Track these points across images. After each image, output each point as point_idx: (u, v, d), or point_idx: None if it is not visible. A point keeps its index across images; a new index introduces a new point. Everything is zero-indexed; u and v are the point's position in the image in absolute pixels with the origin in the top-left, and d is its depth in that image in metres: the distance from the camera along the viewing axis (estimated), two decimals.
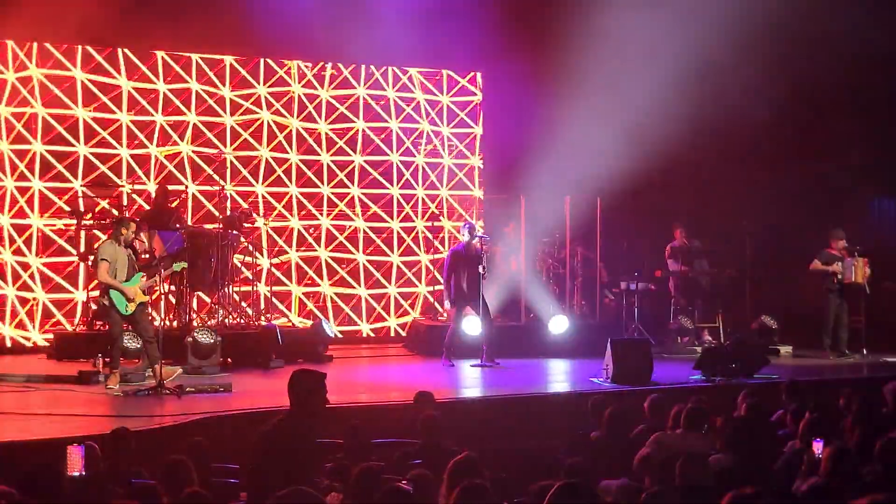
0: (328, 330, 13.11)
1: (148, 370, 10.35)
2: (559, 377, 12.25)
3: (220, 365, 11.19)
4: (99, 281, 10.17)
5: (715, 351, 11.69)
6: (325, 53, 14.85)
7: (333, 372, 12.02)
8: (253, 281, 13.47)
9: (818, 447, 5.92)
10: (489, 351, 12.11)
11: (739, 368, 10.98)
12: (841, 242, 13.26)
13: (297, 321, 14.35)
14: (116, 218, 11.17)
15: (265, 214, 14.27)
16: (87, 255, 12.41)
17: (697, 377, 10.98)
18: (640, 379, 10.50)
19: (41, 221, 13.26)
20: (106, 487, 5.44)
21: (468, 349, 12.30)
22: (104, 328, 11.92)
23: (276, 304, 13.98)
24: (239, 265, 13.33)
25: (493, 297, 13.07)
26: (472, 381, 11.45)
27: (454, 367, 12.08)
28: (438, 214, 15.52)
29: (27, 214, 13.25)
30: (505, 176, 15.33)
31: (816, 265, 13.33)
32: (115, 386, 9.83)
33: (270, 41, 14.21)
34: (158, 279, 10.46)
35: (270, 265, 14.03)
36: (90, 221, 12.67)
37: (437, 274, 14.73)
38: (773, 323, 14.08)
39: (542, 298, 13.96)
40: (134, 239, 10.41)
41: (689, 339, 14.15)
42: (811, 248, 13.59)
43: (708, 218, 14.87)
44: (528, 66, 14.77)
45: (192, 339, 11.07)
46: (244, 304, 13.40)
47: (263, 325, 12.76)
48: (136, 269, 10.10)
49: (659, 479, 5.41)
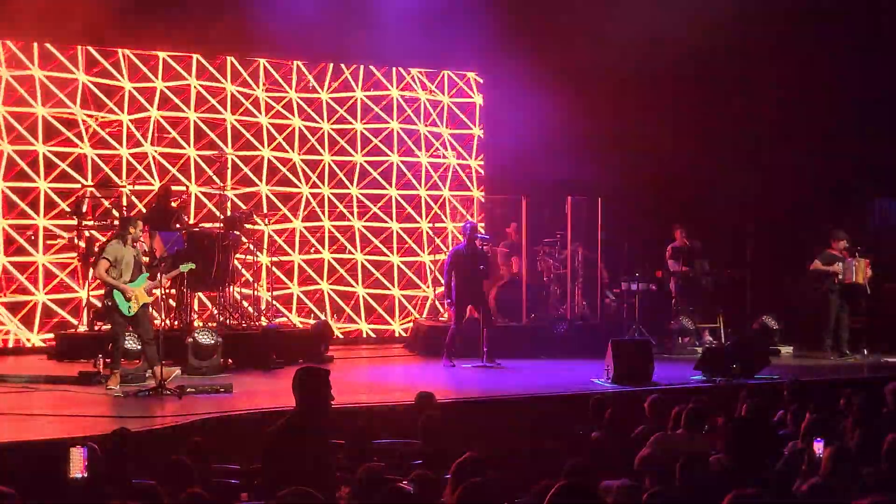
0: (329, 330, 13.09)
1: (149, 371, 10.37)
2: (560, 378, 12.23)
3: (220, 365, 11.20)
4: (97, 278, 10.12)
5: (716, 351, 11.69)
6: (325, 54, 14.86)
7: (335, 372, 12.04)
8: (253, 282, 13.47)
9: (819, 447, 5.92)
10: (490, 351, 12.11)
11: (740, 369, 10.97)
12: (842, 243, 13.25)
13: (297, 321, 14.35)
14: (124, 217, 11.13)
15: (266, 215, 14.26)
16: (88, 255, 12.40)
17: (698, 377, 10.98)
18: (640, 379, 10.51)
19: (43, 222, 13.27)
20: (106, 488, 5.44)
21: (469, 350, 12.31)
22: (105, 329, 11.95)
23: (276, 304, 13.98)
24: (239, 266, 13.32)
25: (494, 297, 13.07)
26: (472, 381, 11.44)
27: (455, 367, 12.09)
28: (440, 215, 15.52)
29: (29, 215, 13.26)
30: (506, 176, 15.34)
31: (817, 265, 13.33)
32: (115, 387, 9.82)
33: (271, 42, 14.22)
34: (165, 280, 10.46)
35: (272, 265, 14.01)
36: (91, 222, 12.67)
37: (438, 275, 14.72)
38: (773, 323, 14.08)
39: (542, 299, 13.95)
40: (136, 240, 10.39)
41: (689, 339, 14.15)
42: (812, 248, 13.59)
43: (708, 218, 14.86)
44: (528, 66, 14.77)
45: (192, 339, 11.07)
46: (245, 304, 13.40)
47: (264, 325, 12.76)
48: (142, 269, 10.06)
49: (659, 479, 5.40)
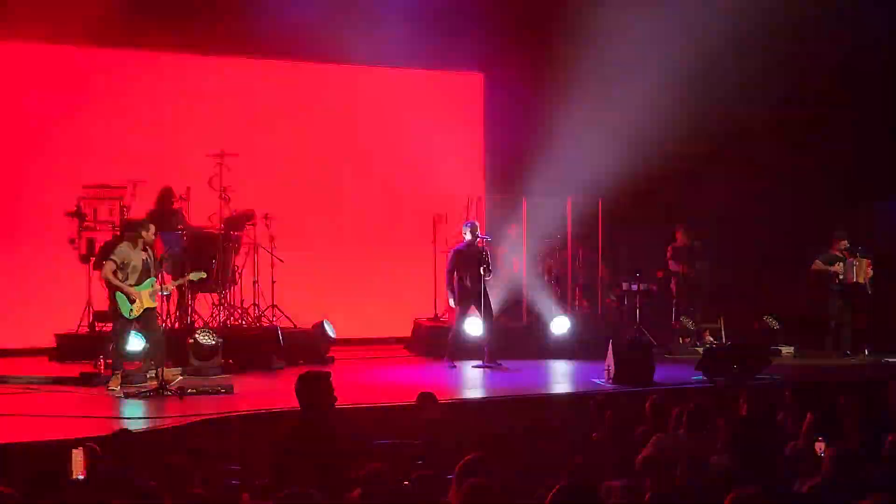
0: (329, 331, 13.10)
1: (150, 371, 10.37)
2: (561, 378, 12.25)
3: (221, 366, 11.19)
4: (102, 279, 10.06)
5: (716, 352, 11.68)
6: (325, 55, 14.83)
7: (335, 373, 12.01)
8: (254, 283, 13.44)
9: (820, 447, 5.92)
10: (491, 352, 12.10)
11: (741, 369, 10.96)
12: (843, 243, 13.25)
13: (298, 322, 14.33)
14: (137, 220, 11.06)
15: (267, 215, 14.25)
16: (88, 256, 12.40)
17: (699, 378, 10.96)
18: (641, 380, 10.50)
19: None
20: (107, 489, 5.44)
21: (470, 350, 12.30)
22: (106, 329, 11.94)
23: (277, 305, 13.96)
24: (239, 266, 13.30)
25: (495, 297, 13.06)
26: (474, 381, 11.44)
27: (456, 367, 12.08)
28: (441, 215, 15.50)
29: (30, 216, 13.27)
30: (507, 177, 15.33)
31: (818, 265, 13.33)
32: (116, 388, 9.82)
33: (272, 42, 14.22)
34: (172, 287, 10.47)
35: (272, 266, 13.99)
36: (91, 223, 12.67)
37: (440, 276, 14.70)
38: (774, 323, 14.06)
39: (543, 299, 13.95)
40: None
41: (690, 339, 14.13)
42: (813, 248, 13.58)
43: (709, 218, 14.85)
44: (530, 67, 14.77)
45: (193, 340, 11.07)
46: (246, 304, 13.37)
47: (265, 326, 12.75)
48: (150, 273, 10.02)
49: (660, 480, 5.40)
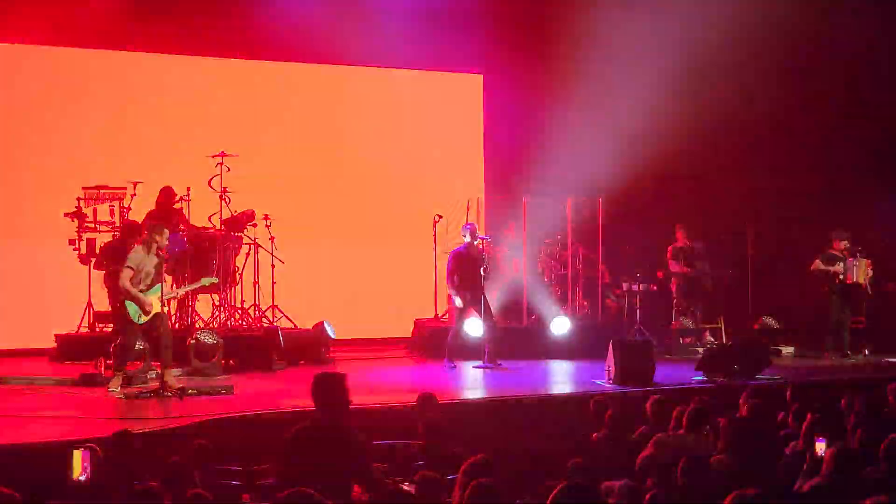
0: (330, 331, 13.10)
1: (150, 372, 10.37)
2: (561, 378, 12.25)
3: (222, 367, 11.19)
4: (120, 287, 9.87)
5: (717, 352, 11.68)
6: (325, 55, 14.84)
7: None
8: (254, 283, 13.44)
9: (821, 448, 5.92)
10: (491, 352, 12.10)
11: (741, 369, 10.97)
12: (843, 243, 13.24)
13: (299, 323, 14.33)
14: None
15: (268, 216, 14.24)
16: (88, 257, 12.41)
17: (699, 378, 10.97)
18: (642, 380, 10.49)
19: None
20: (108, 490, 5.44)
21: (470, 351, 12.30)
22: (107, 330, 11.95)
23: (277, 306, 13.96)
24: (240, 267, 13.30)
25: (495, 298, 13.06)
26: (474, 382, 11.44)
27: (456, 368, 12.08)
28: (442, 216, 15.50)
29: (32, 217, 13.28)
30: (507, 177, 15.33)
31: (818, 265, 13.32)
32: (116, 388, 9.82)
33: (272, 43, 14.23)
34: (182, 292, 10.44)
35: (273, 267, 13.99)
36: (92, 223, 12.68)
37: (442, 277, 14.69)
38: (774, 323, 14.07)
39: (543, 300, 13.95)
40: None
41: (690, 339, 14.13)
42: (813, 248, 13.58)
43: (710, 219, 14.86)
44: (530, 67, 14.78)
45: (194, 340, 11.07)
46: (246, 305, 13.37)
47: (265, 327, 12.75)
48: (161, 278, 9.99)
49: (661, 480, 5.41)
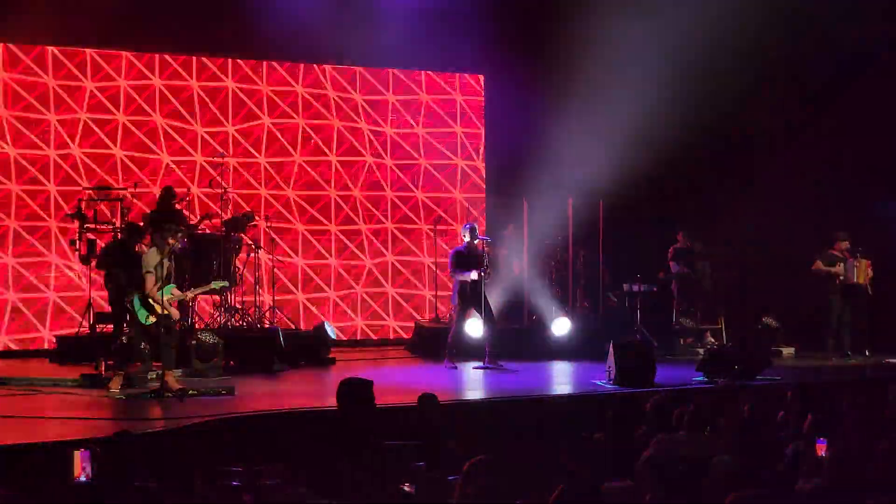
0: (330, 332, 13.10)
1: (151, 373, 10.36)
2: (562, 379, 12.25)
3: (222, 368, 11.19)
4: (147, 291, 9.73)
5: (717, 352, 11.66)
6: (326, 56, 14.84)
7: (336, 375, 12.08)
8: (255, 284, 13.44)
9: (821, 448, 5.92)
10: (492, 353, 12.10)
11: (742, 370, 10.96)
12: (844, 244, 13.24)
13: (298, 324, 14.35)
14: (165, 227, 10.98)
15: (268, 217, 14.25)
16: (89, 257, 12.41)
17: (700, 379, 10.96)
18: (642, 381, 10.49)
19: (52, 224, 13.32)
20: (109, 491, 5.44)
21: (471, 351, 12.30)
22: (107, 331, 11.94)
23: (277, 306, 13.98)
24: (241, 267, 13.31)
25: (495, 298, 13.06)
26: (474, 383, 11.44)
27: (457, 369, 12.08)
28: (443, 216, 15.51)
29: (37, 217, 13.28)
30: (507, 177, 15.33)
31: (818, 266, 13.32)
32: (116, 389, 9.81)
33: (274, 44, 14.24)
34: (192, 294, 10.44)
35: (274, 268, 14.00)
36: (92, 224, 12.68)
37: (445, 278, 14.72)
38: (775, 324, 14.07)
39: (544, 301, 13.95)
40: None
41: (691, 340, 14.14)
42: (814, 249, 13.58)
43: (710, 219, 14.85)
44: (530, 68, 14.77)
45: (195, 341, 11.06)
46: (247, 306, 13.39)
47: (265, 327, 12.75)
48: (170, 280, 9.97)
49: (662, 481, 5.40)
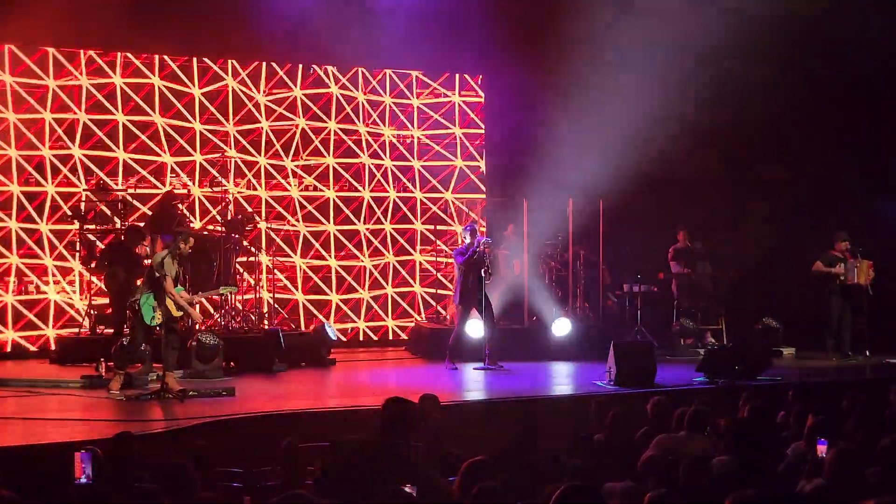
0: (330, 333, 13.11)
1: (151, 374, 10.36)
2: (562, 380, 12.24)
3: (222, 369, 11.19)
4: (167, 294, 9.71)
5: (718, 353, 11.67)
6: (326, 56, 14.82)
7: (336, 376, 12.10)
8: (255, 286, 13.44)
9: (822, 449, 5.92)
10: (492, 354, 12.10)
11: (742, 370, 10.96)
12: (844, 244, 13.24)
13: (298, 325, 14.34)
14: (177, 231, 11.00)
15: (268, 218, 14.25)
16: (89, 258, 12.42)
17: (700, 379, 10.96)
18: (643, 381, 10.49)
19: (49, 226, 13.29)
20: (109, 492, 5.43)
21: (471, 352, 12.30)
22: (108, 332, 11.95)
23: (278, 307, 13.99)
24: (241, 269, 13.31)
25: (496, 299, 13.06)
26: (475, 383, 11.43)
27: (457, 369, 12.08)
28: (443, 217, 15.51)
29: (31, 217, 13.28)
30: (507, 178, 15.33)
31: (819, 266, 13.31)
32: (117, 390, 9.81)
33: (275, 45, 14.24)
34: (199, 298, 10.45)
35: (274, 269, 14.00)
36: (92, 226, 12.69)
37: (446, 279, 14.72)
38: (775, 324, 14.06)
39: (544, 301, 13.95)
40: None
41: (691, 341, 14.13)
42: (814, 249, 13.58)
43: (710, 219, 14.85)
44: (530, 69, 14.77)
45: (195, 342, 11.06)
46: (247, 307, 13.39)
47: (266, 328, 12.76)
48: (178, 283, 9.96)
49: (662, 481, 5.40)
